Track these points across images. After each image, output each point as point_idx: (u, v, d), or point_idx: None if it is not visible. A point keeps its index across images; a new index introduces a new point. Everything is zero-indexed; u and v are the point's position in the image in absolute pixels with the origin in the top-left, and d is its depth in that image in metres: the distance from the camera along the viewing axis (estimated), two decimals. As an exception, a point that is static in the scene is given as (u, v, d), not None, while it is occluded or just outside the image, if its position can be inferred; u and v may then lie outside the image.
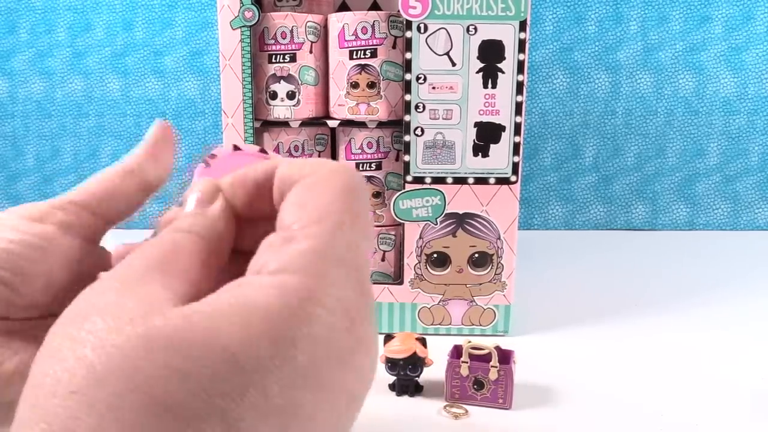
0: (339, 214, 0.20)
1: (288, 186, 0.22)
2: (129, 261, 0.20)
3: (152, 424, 0.15)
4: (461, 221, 0.61)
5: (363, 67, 0.61)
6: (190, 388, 0.16)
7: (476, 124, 0.60)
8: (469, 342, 0.51)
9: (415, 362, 0.51)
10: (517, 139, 0.60)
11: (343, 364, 0.18)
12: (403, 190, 0.61)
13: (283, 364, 0.17)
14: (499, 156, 0.60)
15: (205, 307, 0.17)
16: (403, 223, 0.62)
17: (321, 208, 0.20)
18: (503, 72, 0.58)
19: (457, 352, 0.52)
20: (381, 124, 0.63)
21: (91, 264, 0.26)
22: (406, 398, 0.52)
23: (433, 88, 0.59)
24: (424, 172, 0.61)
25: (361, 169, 0.64)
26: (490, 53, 0.58)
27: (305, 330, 0.17)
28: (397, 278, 0.65)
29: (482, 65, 0.58)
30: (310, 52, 0.63)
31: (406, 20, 0.58)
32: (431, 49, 0.58)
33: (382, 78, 0.61)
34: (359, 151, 0.64)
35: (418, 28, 0.58)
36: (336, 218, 0.20)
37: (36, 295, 0.25)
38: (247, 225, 0.24)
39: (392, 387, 0.53)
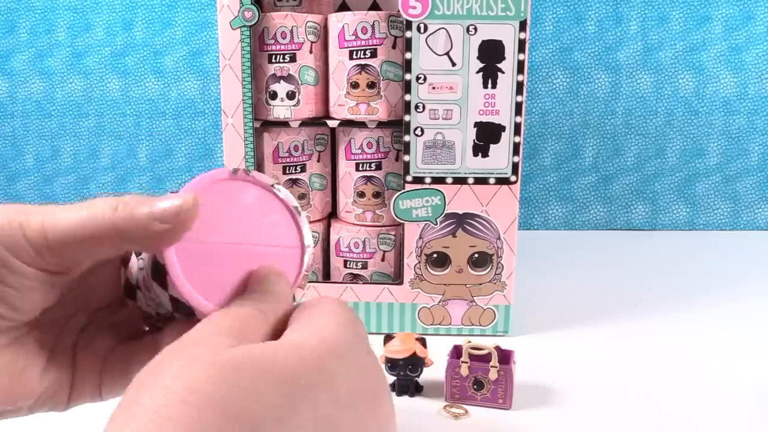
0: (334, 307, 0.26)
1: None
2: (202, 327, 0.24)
3: (228, 430, 0.19)
4: (461, 221, 0.61)
5: (363, 67, 0.61)
6: (258, 400, 0.20)
7: (476, 124, 0.60)
8: (469, 342, 0.51)
9: (415, 362, 0.51)
10: (517, 139, 0.60)
11: (372, 400, 0.23)
12: (403, 190, 0.61)
13: (329, 387, 0.21)
14: (499, 156, 0.60)
15: (267, 345, 0.22)
16: (403, 223, 0.62)
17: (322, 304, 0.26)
18: (503, 72, 0.58)
19: (457, 352, 0.52)
20: (381, 124, 0.63)
21: (63, 284, 0.27)
22: (406, 398, 0.52)
23: (433, 88, 0.59)
24: (424, 172, 0.61)
25: (361, 169, 0.64)
26: (490, 53, 0.58)
27: (341, 366, 0.22)
28: (397, 278, 0.65)
29: (482, 65, 0.58)
30: (310, 52, 0.63)
31: (406, 20, 0.58)
32: (431, 49, 0.58)
33: (382, 78, 0.61)
34: (359, 151, 0.64)
35: (418, 28, 0.58)
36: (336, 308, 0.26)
37: (15, 313, 0.26)
38: None
39: (392, 387, 0.53)
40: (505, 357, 0.51)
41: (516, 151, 0.60)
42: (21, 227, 0.24)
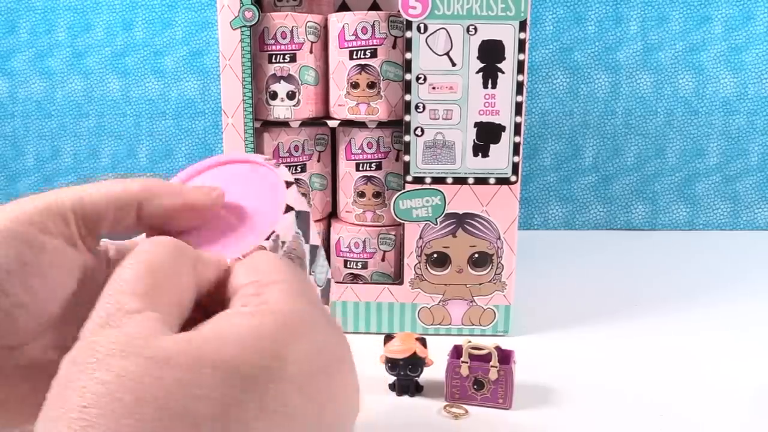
0: (287, 271, 0.24)
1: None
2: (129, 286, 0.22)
3: (168, 428, 0.18)
4: (461, 221, 0.61)
5: (363, 67, 0.61)
6: (200, 397, 0.18)
7: (476, 124, 0.60)
8: (469, 342, 0.51)
9: (415, 362, 0.51)
10: (517, 139, 0.60)
11: (330, 377, 0.21)
12: (403, 190, 0.61)
13: (276, 375, 0.20)
14: (499, 156, 0.60)
15: (204, 333, 0.20)
16: (403, 223, 0.62)
17: (273, 268, 0.24)
18: (503, 72, 0.58)
19: (457, 352, 0.52)
20: (381, 124, 0.63)
21: (92, 267, 0.26)
22: (406, 398, 0.52)
23: (433, 88, 0.59)
24: (424, 172, 0.61)
25: (361, 169, 0.64)
26: (490, 53, 0.58)
27: (293, 347, 0.21)
28: (397, 278, 0.65)
29: (482, 65, 0.58)
30: (310, 52, 0.63)
31: (406, 20, 0.58)
32: (431, 49, 0.58)
33: (382, 78, 0.61)
34: (359, 151, 0.64)
35: (418, 28, 0.58)
36: (288, 273, 0.24)
37: (46, 308, 0.24)
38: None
39: (392, 387, 0.53)
40: (505, 357, 0.51)
41: (516, 151, 0.60)
42: (57, 198, 0.25)
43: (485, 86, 0.59)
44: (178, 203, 0.27)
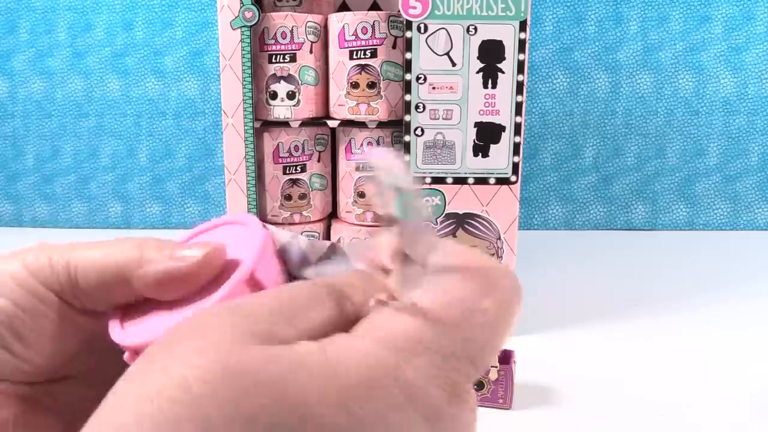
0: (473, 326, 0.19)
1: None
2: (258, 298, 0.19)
3: None
4: (461, 221, 0.61)
5: (363, 67, 0.61)
6: (252, 426, 0.16)
7: (476, 124, 0.60)
8: (469, 342, 0.51)
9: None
10: (517, 139, 0.60)
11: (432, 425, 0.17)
12: (403, 190, 0.61)
13: (351, 424, 0.16)
14: (499, 156, 0.60)
15: (291, 355, 0.17)
16: (403, 223, 0.62)
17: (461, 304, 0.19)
18: (503, 72, 0.58)
19: (457, 352, 0.51)
20: (381, 124, 0.63)
21: (101, 326, 0.24)
22: (406, 398, 0.52)
23: (433, 88, 0.59)
24: (424, 172, 0.61)
25: (361, 169, 0.64)
26: (490, 53, 0.58)
27: (379, 411, 0.17)
28: (397, 278, 0.65)
29: (482, 65, 0.58)
30: (310, 52, 0.63)
31: (406, 20, 0.58)
32: (431, 49, 0.58)
33: (382, 78, 0.61)
34: (359, 151, 0.64)
35: (418, 28, 0.58)
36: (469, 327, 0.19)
37: (39, 359, 0.23)
38: None
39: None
40: (505, 357, 0.51)
41: (516, 151, 0.60)
42: (50, 260, 0.23)
43: (485, 86, 0.59)
44: (171, 269, 0.23)
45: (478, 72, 0.59)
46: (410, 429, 0.17)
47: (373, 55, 0.61)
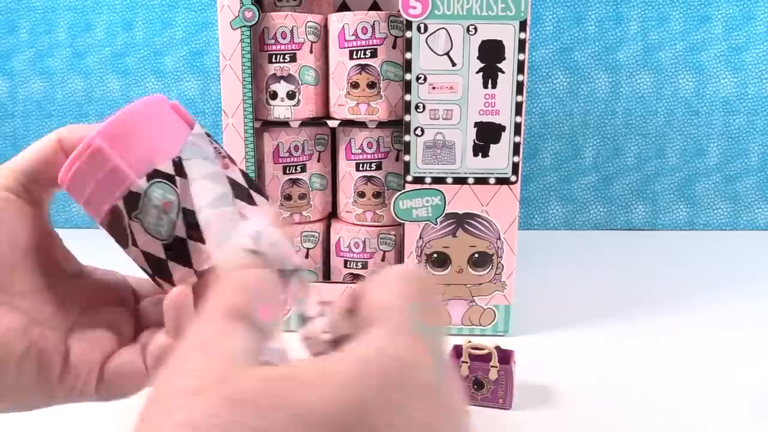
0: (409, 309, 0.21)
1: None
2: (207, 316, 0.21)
3: None
4: (461, 221, 0.61)
5: (363, 67, 0.61)
6: None
7: (476, 124, 0.60)
8: (469, 342, 0.51)
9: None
10: (517, 139, 0.60)
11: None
12: (403, 190, 0.61)
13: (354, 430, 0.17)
14: (499, 156, 0.60)
15: (287, 372, 0.18)
16: (403, 223, 0.62)
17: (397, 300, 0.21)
18: (503, 72, 0.58)
19: (457, 352, 0.52)
20: (381, 124, 0.63)
21: (41, 235, 0.32)
22: (406, 398, 0.52)
23: (433, 88, 0.59)
24: (424, 172, 0.61)
25: (361, 169, 0.64)
26: (490, 53, 0.58)
27: (381, 419, 0.18)
28: (397, 278, 0.65)
29: (482, 65, 0.58)
30: (311, 52, 0.63)
31: (406, 20, 0.58)
32: (431, 49, 0.58)
33: (382, 78, 0.61)
34: (359, 151, 0.64)
35: (418, 28, 0.58)
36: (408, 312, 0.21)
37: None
38: None
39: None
40: (505, 357, 0.51)
41: (516, 151, 0.60)
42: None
43: (485, 86, 0.59)
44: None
45: (478, 72, 0.59)
46: None
47: (373, 55, 0.61)
